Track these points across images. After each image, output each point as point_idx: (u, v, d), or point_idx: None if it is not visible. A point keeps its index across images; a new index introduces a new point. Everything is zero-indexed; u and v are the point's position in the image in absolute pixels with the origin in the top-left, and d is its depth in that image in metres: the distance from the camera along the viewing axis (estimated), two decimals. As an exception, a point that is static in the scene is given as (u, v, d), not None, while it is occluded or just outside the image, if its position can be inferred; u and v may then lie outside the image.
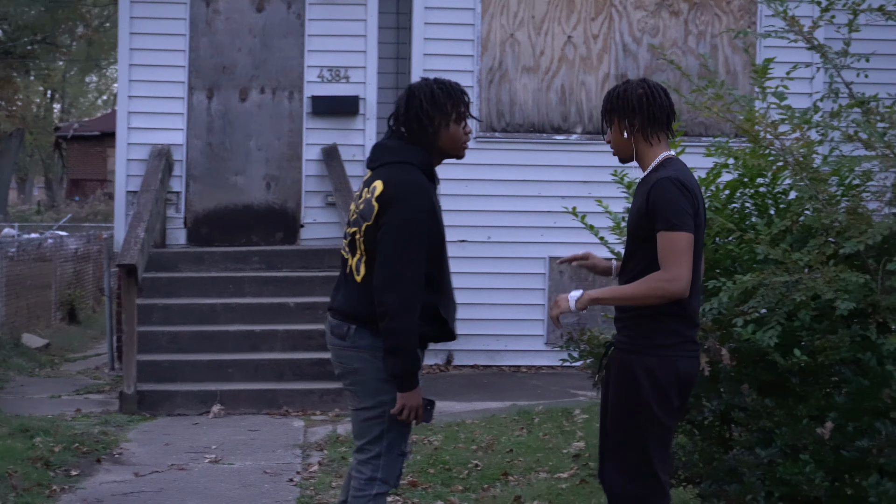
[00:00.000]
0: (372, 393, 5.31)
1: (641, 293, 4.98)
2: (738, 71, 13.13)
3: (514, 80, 13.12)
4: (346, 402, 10.78)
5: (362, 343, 5.30)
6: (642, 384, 5.05)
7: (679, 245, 4.94)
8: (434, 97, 5.33)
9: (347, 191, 12.34)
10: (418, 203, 5.19)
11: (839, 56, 6.64)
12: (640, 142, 5.19)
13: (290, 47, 13.11)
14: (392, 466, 5.38)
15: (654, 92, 5.19)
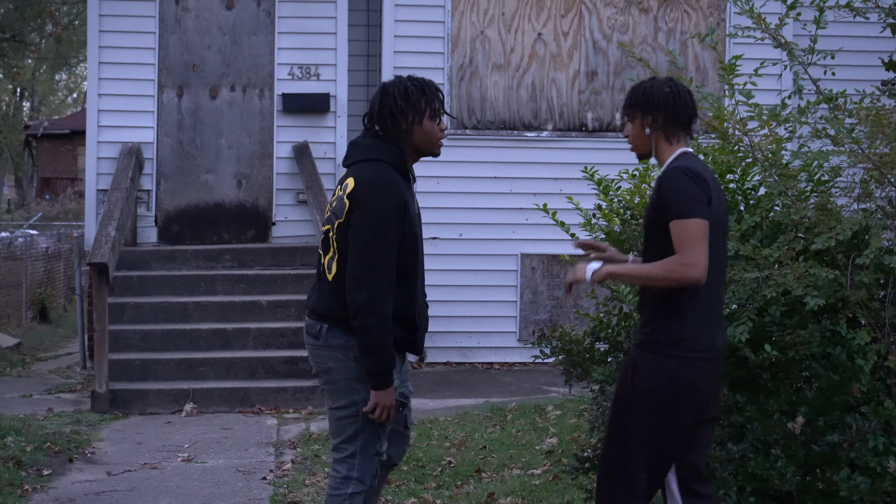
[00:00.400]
0: (344, 392, 5.32)
1: (658, 274, 4.94)
2: (707, 68, 13.18)
3: (485, 77, 13.14)
4: (318, 400, 10.84)
5: (334, 342, 5.31)
6: (640, 379, 5.04)
7: (692, 231, 4.92)
8: (408, 94, 5.32)
9: (319, 188, 12.33)
10: (388, 200, 5.19)
11: (806, 53, 6.67)
12: (660, 140, 5.18)
13: (260, 45, 13.09)
14: (367, 466, 5.37)
15: (680, 92, 5.19)
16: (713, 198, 5.05)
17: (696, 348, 5.08)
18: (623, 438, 5.12)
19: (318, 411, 10.64)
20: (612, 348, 6.76)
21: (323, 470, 8.43)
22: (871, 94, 6.65)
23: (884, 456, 5.78)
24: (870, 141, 6.17)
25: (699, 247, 4.92)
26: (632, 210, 6.75)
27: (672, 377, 5.04)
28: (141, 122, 12.99)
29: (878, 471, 5.71)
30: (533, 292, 13.19)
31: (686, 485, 5.30)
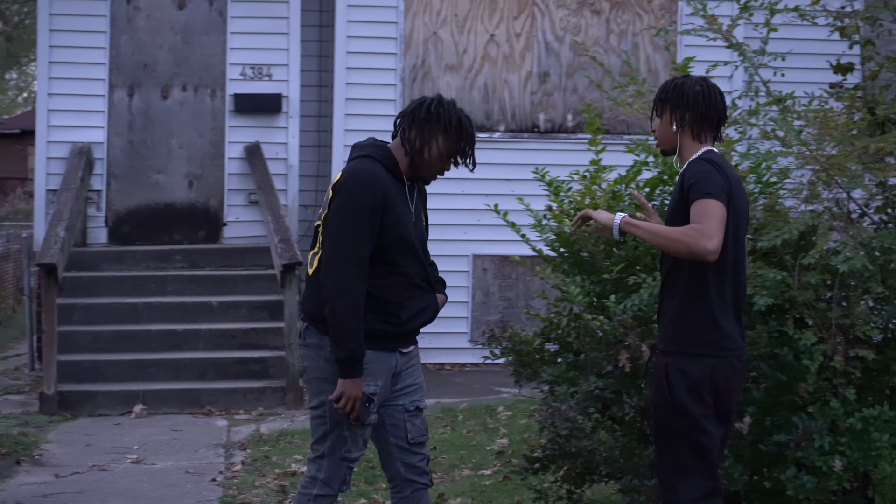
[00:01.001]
0: (315, 392, 5.32)
1: (674, 235, 4.87)
2: (659, 69, 13.23)
3: (438, 78, 13.14)
4: (269, 401, 10.82)
5: (310, 341, 5.31)
6: (676, 387, 5.01)
7: (712, 209, 4.86)
8: (449, 125, 5.33)
9: (270, 189, 12.29)
10: (362, 190, 5.17)
11: (757, 55, 6.71)
12: (687, 137, 5.15)
13: (212, 45, 13.04)
14: (335, 469, 5.32)
15: (711, 91, 5.16)
16: (733, 196, 5.01)
17: (727, 346, 5.06)
18: (675, 448, 5.08)
19: (269, 413, 10.61)
20: (562, 349, 6.78)
21: (273, 471, 8.40)
22: (819, 96, 6.69)
23: (830, 455, 5.82)
24: (818, 143, 6.21)
25: (718, 223, 4.84)
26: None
27: (709, 376, 5.01)
28: (91, 121, 12.90)
29: (824, 470, 5.75)
30: (485, 293, 13.19)
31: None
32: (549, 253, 6.94)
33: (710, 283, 5.01)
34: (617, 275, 6.38)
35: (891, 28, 6.90)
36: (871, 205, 6.75)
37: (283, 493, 7.91)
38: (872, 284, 5.93)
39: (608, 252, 6.54)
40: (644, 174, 6.78)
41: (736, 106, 6.65)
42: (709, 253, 4.82)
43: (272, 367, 11.20)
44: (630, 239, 6.40)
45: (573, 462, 6.56)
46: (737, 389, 5.17)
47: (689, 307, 5.03)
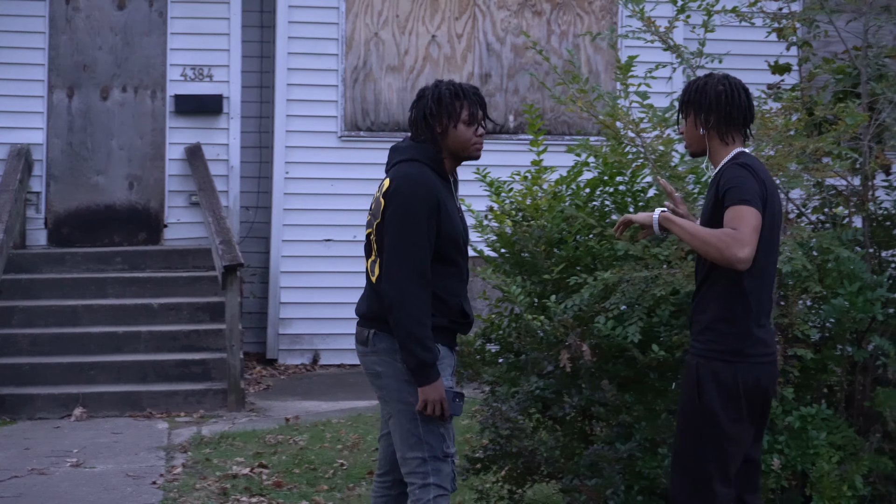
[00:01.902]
0: (396, 396, 5.28)
1: (709, 239, 4.83)
2: (600, 71, 13.27)
3: (379, 79, 13.12)
4: (210, 403, 10.76)
5: (381, 346, 5.28)
6: (706, 389, 4.99)
7: (747, 216, 4.82)
8: (441, 98, 5.32)
9: (211, 190, 12.23)
10: (418, 195, 5.19)
11: (695, 56, 6.75)
12: (714, 139, 5.11)
13: (152, 45, 12.95)
14: (441, 469, 5.26)
15: (734, 90, 5.11)
16: (768, 200, 4.98)
17: (761, 352, 5.04)
18: (701, 452, 5.05)
19: (210, 415, 10.56)
20: (502, 349, 6.80)
21: (214, 474, 8.36)
22: (757, 97, 6.73)
23: (768, 454, 5.86)
24: (756, 143, 6.25)
25: (752, 231, 4.81)
26: (523, 211, 6.78)
27: (744, 382, 4.99)
28: (30, 122, 12.78)
29: (762, 468, 5.78)
30: (427, 294, 13.17)
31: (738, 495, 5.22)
32: (490, 254, 6.96)
33: (747, 290, 4.99)
34: (558, 275, 6.40)
35: (827, 29, 6.95)
36: (809, 205, 6.82)
37: (225, 495, 7.87)
38: (810, 284, 5.98)
39: (549, 253, 6.56)
40: (585, 175, 6.81)
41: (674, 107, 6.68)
42: (739, 261, 4.80)
43: (213, 369, 11.14)
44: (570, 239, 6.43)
45: (514, 462, 6.57)
46: (770, 394, 5.16)
47: (725, 313, 5.00)
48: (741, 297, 4.99)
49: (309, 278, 12.99)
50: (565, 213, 6.49)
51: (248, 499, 7.81)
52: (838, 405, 6.41)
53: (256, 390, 11.72)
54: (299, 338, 13.03)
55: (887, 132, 6.73)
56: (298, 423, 10.06)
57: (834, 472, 5.85)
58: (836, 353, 6.23)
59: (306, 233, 12.99)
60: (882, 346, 6.08)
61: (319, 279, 13.01)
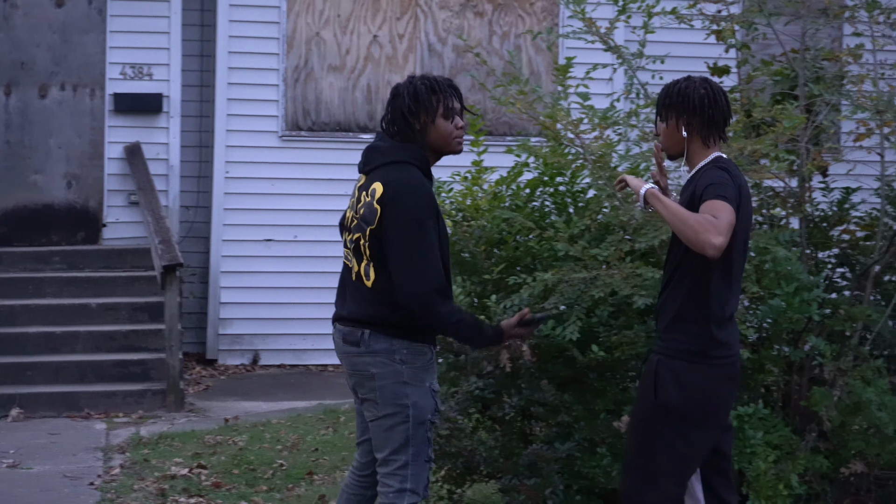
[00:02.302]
0: (391, 398, 5.18)
1: (687, 220, 4.79)
2: (541, 72, 13.31)
3: (321, 78, 13.09)
4: (149, 404, 10.68)
5: (378, 347, 5.19)
6: (665, 386, 4.99)
7: (726, 211, 4.80)
8: (417, 93, 5.23)
9: (151, 190, 12.15)
10: (422, 202, 5.12)
11: (635, 57, 6.78)
12: (696, 142, 5.09)
13: (91, 43, 12.84)
14: (420, 475, 5.22)
15: (716, 94, 5.10)
16: (742, 205, 4.98)
17: (724, 355, 5.05)
18: (652, 447, 5.06)
19: (149, 415, 10.49)
20: (442, 349, 6.79)
21: (152, 475, 8.31)
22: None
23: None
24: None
25: (728, 225, 4.79)
26: (463, 212, 6.79)
27: (704, 383, 5.00)
28: (-33, 120, 12.67)
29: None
30: (368, 295, 13.16)
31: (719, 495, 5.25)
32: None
33: (713, 290, 5.00)
34: (498, 275, 6.40)
35: (766, 32, 7.00)
36: (747, 206, 6.85)
37: (163, 496, 7.83)
38: (748, 284, 6.02)
39: (489, 253, 6.57)
40: (525, 175, 6.82)
41: (615, 108, 6.71)
42: (713, 247, 4.75)
43: (153, 369, 11.07)
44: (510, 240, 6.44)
45: (454, 462, 6.58)
46: (732, 396, 5.18)
47: (689, 311, 5.01)
48: (707, 298, 5.00)
49: (249, 278, 12.95)
50: (505, 214, 6.50)
51: (186, 499, 7.77)
52: (775, 405, 6.46)
53: (196, 391, 11.66)
54: (239, 338, 12.98)
55: (824, 134, 6.80)
56: (238, 424, 10.02)
57: (770, 471, 5.90)
58: (773, 353, 6.28)
59: (247, 232, 12.94)
60: (818, 347, 6.13)
61: (260, 279, 12.97)
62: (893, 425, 6.03)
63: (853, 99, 6.60)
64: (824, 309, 6.36)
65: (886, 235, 6.66)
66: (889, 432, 6.02)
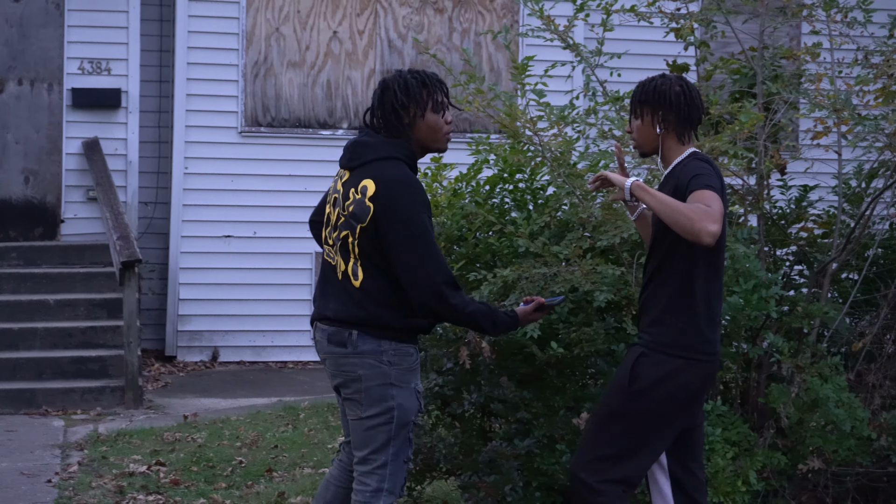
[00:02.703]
0: (377, 399, 5.12)
1: (680, 209, 4.78)
2: (501, 69, 13.32)
3: (280, 74, 13.06)
4: (108, 401, 10.63)
5: (365, 348, 5.11)
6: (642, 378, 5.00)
7: (714, 198, 4.81)
8: (408, 87, 5.16)
9: (109, 185, 12.09)
10: (418, 198, 5.07)
11: (593, 55, 6.79)
12: (671, 139, 5.10)
13: (49, 38, 12.76)
14: (398, 475, 5.17)
15: (691, 90, 5.12)
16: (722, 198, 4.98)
17: (708, 352, 5.06)
18: (612, 428, 5.07)
19: (108, 412, 10.44)
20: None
21: (110, 472, 8.27)
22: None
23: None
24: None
25: (720, 211, 4.79)
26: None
27: (684, 379, 5.01)
28: (-77, 115, 12.57)
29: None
30: (328, 291, 13.14)
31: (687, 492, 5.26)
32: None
33: (697, 286, 5.01)
34: (458, 272, 6.40)
35: (724, 30, 7.03)
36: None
37: (121, 493, 7.79)
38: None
39: (449, 249, 6.57)
40: (485, 172, 6.82)
41: (574, 105, 6.72)
42: (709, 234, 4.74)
43: (111, 366, 11.02)
44: (470, 237, 6.44)
45: (413, 459, 6.57)
46: (706, 393, 5.19)
47: (676, 307, 5.03)
48: (692, 294, 5.02)
49: (209, 275, 12.91)
50: (465, 210, 6.50)
51: (144, 497, 7.73)
52: (733, 402, 6.49)
53: (155, 387, 11.62)
54: (198, 335, 12.93)
55: (782, 132, 6.83)
56: (197, 421, 9.99)
57: (729, 467, 5.92)
58: (732, 350, 6.31)
59: (206, 229, 12.90)
60: (776, 344, 6.16)
61: (219, 276, 12.93)
62: (850, 422, 6.07)
63: (811, 97, 6.63)
64: (782, 306, 6.39)
65: (844, 233, 6.70)
66: (846, 429, 6.06)
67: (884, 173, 6.89)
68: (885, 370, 6.70)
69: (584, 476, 5.09)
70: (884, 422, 6.36)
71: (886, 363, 6.73)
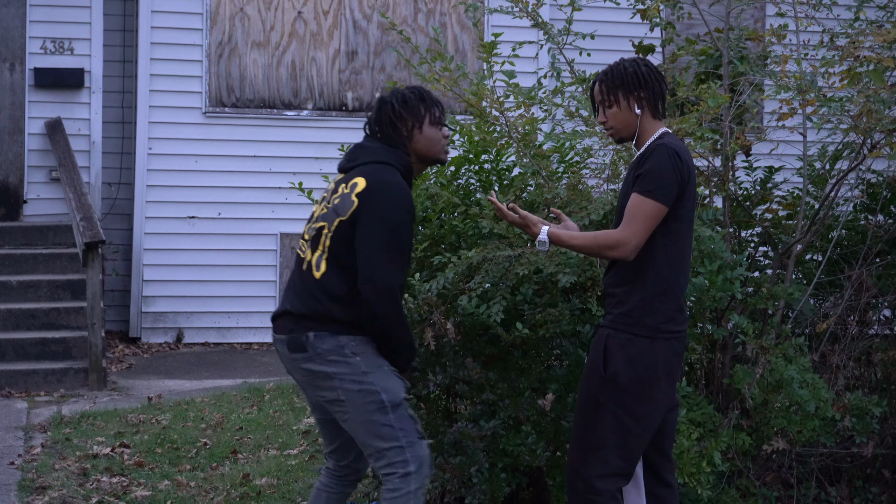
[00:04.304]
0: (358, 392, 5.09)
1: (590, 246, 5.04)
2: (466, 50, 13.29)
3: (244, 54, 12.99)
4: (71, 382, 10.57)
5: (325, 347, 5.09)
6: (614, 361, 5.01)
7: (645, 211, 4.93)
8: (406, 100, 5.25)
9: (72, 166, 12.01)
10: (403, 205, 5.08)
11: (562, 34, 6.78)
12: (647, 117, 5.13)
13: (10, 17, 12.66)
14: (419, 453, 5.12)
15: (655, 69, 5.16)
16: (688, 182, 5.03)
17: (673, 330, 5.08)
18: (597, 420, 5.06)
19: (71, 394, 10.39)
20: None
21: (74, 454, 8.23)
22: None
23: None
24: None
25: (640, 227, 4.94)
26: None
27: (652, 358, 5.02)
28: None
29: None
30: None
31: (657, 473, 5.28)
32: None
33: (660, 266, 5.04)
34: (422, 253, 6.39)
35: (690, 12, 7.03)
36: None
37: (84, 475, 7.75)
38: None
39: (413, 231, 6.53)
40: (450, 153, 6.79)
41: (541, 85, 6.71)
42: (624, 258, 4.98)
43: (74, 347, 10.96)
44: (434, 218, 6.42)
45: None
46: (678, 372, 5.21)
47: (640, 288, 5.04)
48: (655, 273, 5.04)
49: (173, 255, 12.86)
50: (429, 192, 6.48)
51: (108, 479, 7.70)
52: (698, 383, 6.50)
53: (119, 369, 11.56)
54: (163, 316, 12.88)
55: (748, 114, 6.83)
56: (161, 402, 9.95)
57: (693, 448, 5.93)
58: (697, 331, 6.32)
59: (170, 210, 12.84)
60: (741, 325, 6.17)
61: (183, 256, 12.88)
62: (814, 402, 6.09)
63: (776, 79, 6.63)
64: (747, 287, 6.40)
65: (808, 215, 6.72)
66: (810, 409, 6.08)
67: (848, 155, 6.91)
68: (848, 351, 6.73)
69: (580, 473, 5.10)
70: (847, 402, 6.39)
71: (850, 344, 6.76)
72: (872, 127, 6.37)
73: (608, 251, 4.99)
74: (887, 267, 7.04)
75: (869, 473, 6.91)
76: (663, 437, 5.26)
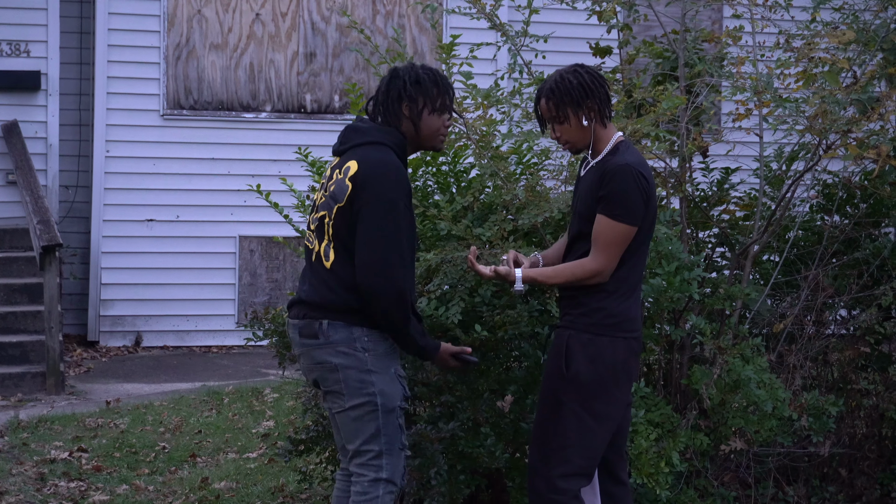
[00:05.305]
0: (358, 388, 5.04)
1: (566, 276, 5.07)
2: (425, 51, 13.29)
3: (202, 57, 12.95)
4: (28, 387, 10.51)
5: (337, 337, 5.04)
6: (576, 360, 5.02)
7: (616, 235, 4.97)
8: (419, 80, 5.13)
9: (29, 169, 11.94)
10: (399, 185, 4.99)
11: (519, 35, 6.79)
12: (598, 127, 5.11)
13: (-34, 19, 12.57)
14: (395, 464, 5.09)
15: (596, 74, 5.13)
16: (651, 196, 5.05)
17: (631, 329, 5.10)
18: (559, 420, 5.06)
19: (29, 398, 10.32)
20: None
21: (31, 459, 8.18)
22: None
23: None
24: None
25: (613, 253, 5.00)
26: (346, 191, 6.73)
27: (612, 357, 5.04)
28: None
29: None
30: (252, 275, 13.09)
31: (612, 471, 5.29)
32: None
33: (620, 268, 5.06)
34: (380, 255, 6.37)
35: (647, 13, 7.05)
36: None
37: (42, 480, 7.71)
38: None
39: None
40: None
41: (498, 86, 6.71)
42: (598, 280, 5.04)
43: (31, 351, 10.89)
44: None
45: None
46: (636, 371, 5.22)
47: (595, 288, 5.06)
48: (615, 276, 5.06)
49: (131, 259, 12.81)
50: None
51: (66, 484, 7.66)
52: (656, 383, 6.53)
53: (77, 373, 11.50)
54: (121, 319, 12.83)
55: (704, 115, 6.86)
56: (119, 406, 9.91)
57: (652, 448, 5.95)
58: (655, 332, 6.34)
59: (128, 212, 12.79)
60: (698, 325, 6.19)
61: (142, 260, 12.83)
62: (772, 402, 6.11)
63: (733, 80, 6.66)
64: (704, 288, 6.43)
65: (765, 215, 6.75)
66: (767, 409, 6.11)
67: (804, 156, 6.95)
68: (805, 351, 6.77)
69: (542, 473, 5.10)
70: (804, 402, 6.42)
71: (807, 344, 6.79)
72: (828, 128, 6.40)
73: (587, 281, 5.04)
74: (843, 267, 7.08)
75: (826, 472, 6.95)
76: (618, 435, 5.28)
